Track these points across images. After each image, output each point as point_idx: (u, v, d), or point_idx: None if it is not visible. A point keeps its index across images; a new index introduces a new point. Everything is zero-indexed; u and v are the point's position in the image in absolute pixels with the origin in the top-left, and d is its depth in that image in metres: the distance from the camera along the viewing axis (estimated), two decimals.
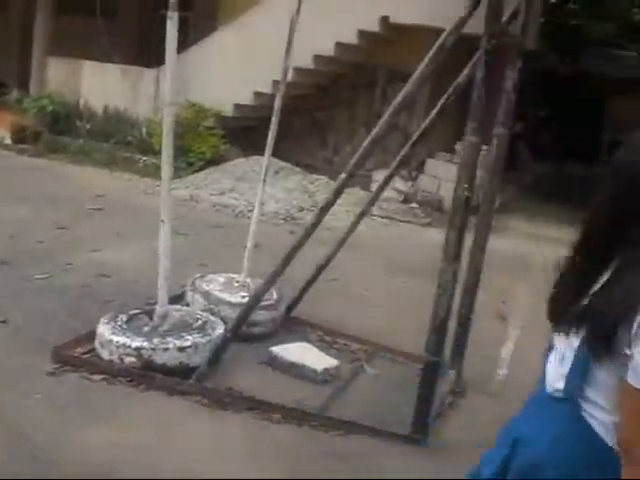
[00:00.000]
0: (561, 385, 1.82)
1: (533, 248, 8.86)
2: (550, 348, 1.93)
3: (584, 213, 1.88)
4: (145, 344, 4.44)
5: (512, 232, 9.83)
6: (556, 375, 1.86)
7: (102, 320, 4.65)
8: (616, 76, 18.60)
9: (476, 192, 4.41)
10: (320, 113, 12.55)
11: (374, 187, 8.28)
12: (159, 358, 4.41)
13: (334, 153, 12.64)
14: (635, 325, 1.61)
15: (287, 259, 4.39)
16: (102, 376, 4.31)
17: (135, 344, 4.44)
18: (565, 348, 1.82)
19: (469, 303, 4.66)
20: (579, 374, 1.76)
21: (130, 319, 4.76)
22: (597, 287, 1.76)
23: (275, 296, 5.42)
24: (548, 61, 15.55)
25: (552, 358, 1.91)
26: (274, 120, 5.53)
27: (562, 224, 10.79)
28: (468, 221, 3.95)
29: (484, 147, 4.56)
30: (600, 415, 1.74)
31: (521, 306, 6.42)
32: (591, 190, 1.89)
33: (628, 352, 1.62)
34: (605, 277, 1.75)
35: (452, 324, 4.35)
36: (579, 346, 1.75)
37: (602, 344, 1.66)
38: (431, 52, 4.06)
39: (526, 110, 15.82)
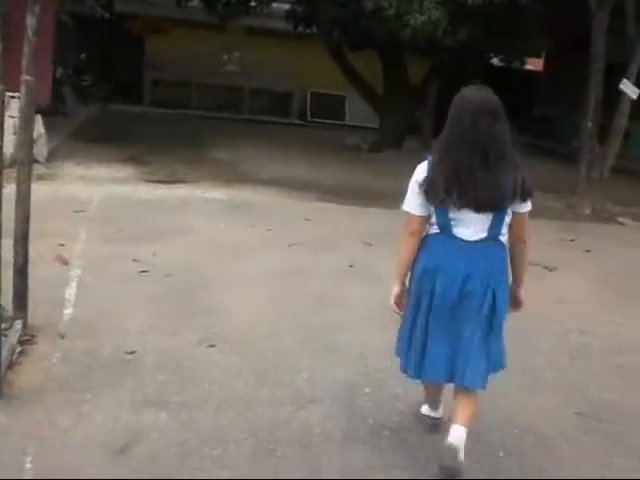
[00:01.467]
0: (484, 234, 3.34)
1: (88, 190, 8.96)
2: (448, 216, 3.33)
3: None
4: None
5: (67, 177, 9.80)
6: (476, 230, 3.34)
7: None
8: (151, 15, 19.25)
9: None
10: None
11: None
12: None
13: None
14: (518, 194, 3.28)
15: None
16: None
17: None
18: (483, 216, 3.30)
19: (23, 252, 4.64)
20: (497, 226, 3.34)
21: None
22: (483, 178, 3.25)
23: None
24: (85, 4, 15.44)
25: (465, 222, 3.33)
26: None
27: (112, 163, 11.08)
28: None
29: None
30: (503, 238, 3.40)
31: (79, 247, 6.57)
32: (141, 126, 2.14)
33: (519, 209, 3.36)
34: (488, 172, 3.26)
35: (9, 274, 4.33)
36: (499, 212, 3.31)
37: (507, 207, 3.31)
38: None
39: (67, 55, 15.66)
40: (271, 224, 8.05)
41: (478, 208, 3.28)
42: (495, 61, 19.36)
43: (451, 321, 3.39)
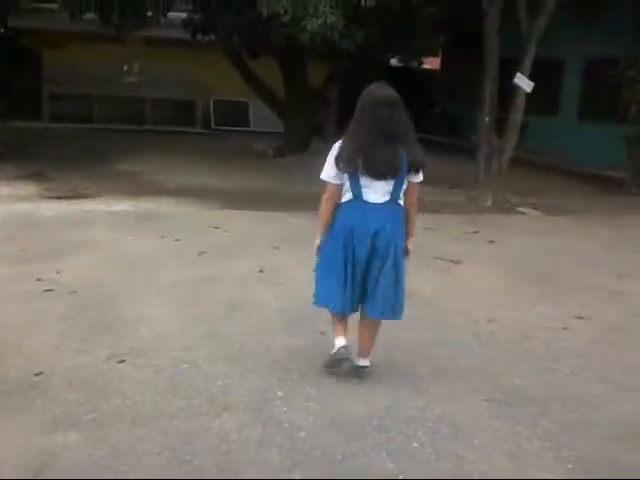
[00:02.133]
0: (388, 197, 4.23)
1: None
2: (360, 185, 4.21)
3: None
4: None
5: None
6: (380, 194, 4.23)
7: None
8: (47, 29, 18.82)
9: None
10: None
11: None
12: None
13: None
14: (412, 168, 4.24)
15: None
16: None
17: None
18: (383, 183, 4.20)
19: None
20: (397, 191, 4.24)
21: None
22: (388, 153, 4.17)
23: None
24: None
25: (372, 189, 4.22)
26: None
27: (13, 181, 10.78)
28: None
29: None
30: (401, 202, 4.28)
31: None
32: (41, 142, 2.12)
33: (413, 179, 4.31)
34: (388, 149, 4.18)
35: None
36: (398, 179, 4.21)
37: (403, 176, 4.20)
38: None
39: None
40: (179, 234, 7.98)
41: (380, 176, 4.21)
42: (394, 62, 19.65)
43: (365, 267, 4.29)
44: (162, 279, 6.37)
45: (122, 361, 4.57)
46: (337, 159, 4.22)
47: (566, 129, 17.67)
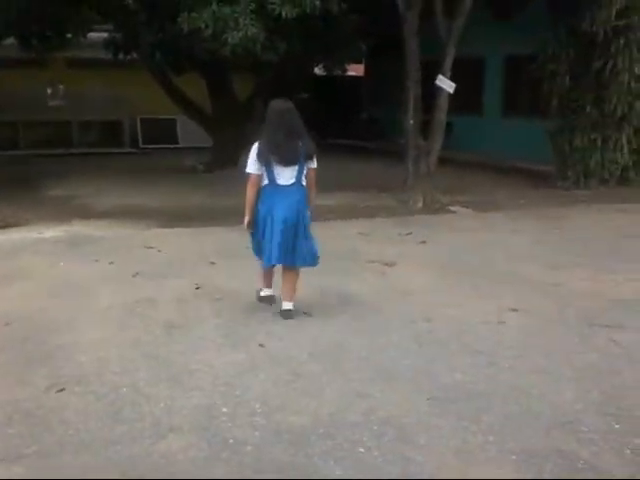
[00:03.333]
0: (293, 180, 5.72)
1: None
2: (273, 173, 5.71)
3: None
4: None
5: None
6: (288, 178, 5.71)
7: None
8: None
9: None
10: None
11: None
12: None
13: None
14: (307, 157, 5.77)
15: None
16: None
17: None
18: (289, 169, 5.70)
19: None
20: (299, 174, 5.74)
21: None
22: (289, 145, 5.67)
23: None
24: None
25: (282, 174, 5.71)
26: None
27: None
28: None
29: None
30: (304, 182, 5.80)
31: None
32: None
33: (310, 165, 5.80)
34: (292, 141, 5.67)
35: None
36: (299, 166, 5.72)
37: (303, 163, 5.73)
38: None
39: None
40: (113, 256, 7.89)
41: (286, 164, 5.73)
42: (318, 70, 19.77)
43: (283, 230, 5.73)
44: (98, 303, 6.29)
45: (62, 390, 4.50)
46: (258, 155, 5.71)
47: (491, 126, 18.03)
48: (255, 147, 5.73)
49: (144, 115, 20.63)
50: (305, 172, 5.81)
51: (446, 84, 11.62)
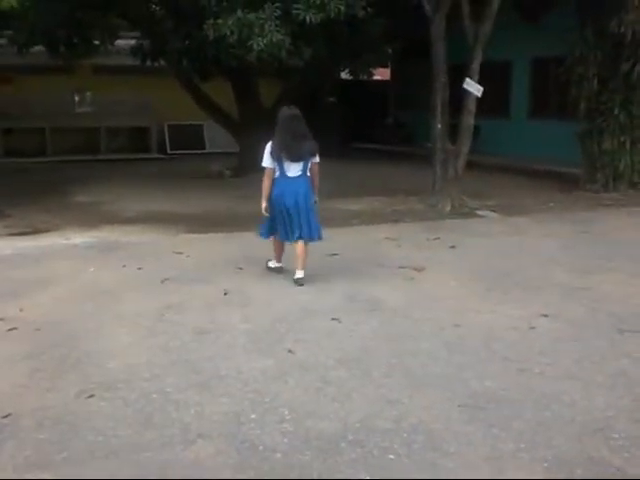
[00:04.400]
0: (300, 172, 7.06)
1: None
2: (283, 167, 7.03)
3: None
4: None
5: None
6: (296, 171, 7.04)
7: None
8: None
9: None
10: None
11: None
12: None
13: None
14: (311, 154, 7.12)
15: None
16: None
17: None
18: (296, 164, 7.03)
19: None
20: (305, 168, 7.07)
21: None
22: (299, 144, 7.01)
23: None
24: None
25: (290, 168, 7.03)
26: None
27: None
28: None
29: None
30: (308, 174, 7.11)
31: None
32: None
33: (314, 160, 7.16)
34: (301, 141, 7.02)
35: None
36: (304, 161, 7.04)
37: (308, 159, 7.12)
38: None
39: None
40: (142, 262, 7.93)
41: (294, 160, 7.00)
42: (344, 75, 19.75)
43: (294, 213, 7.04)
44: (127, 309, 6.32)
45: (91, 396, 4.52)
46: (271, 153, 6.97)
47: (518, 129, 17.93)
48: (268, 146, 7.01)
49: (171, 121, 20.77)
50: (309, 166, 7.11)
51: (474, 87, 11.56)
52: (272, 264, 7.57)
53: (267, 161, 7.02)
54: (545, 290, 6.95)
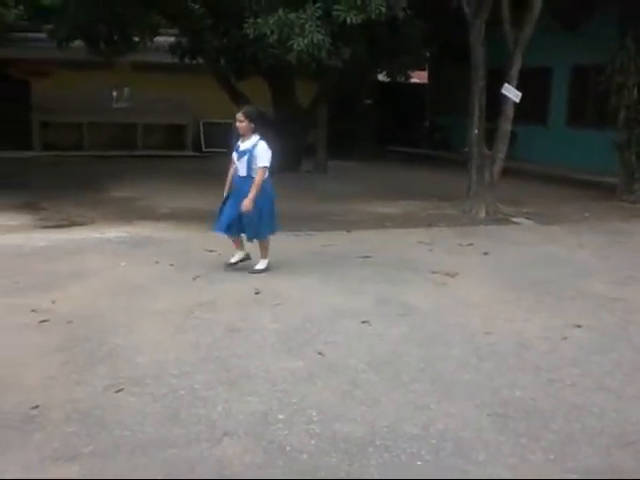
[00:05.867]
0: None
1: None
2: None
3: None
4: None
5: None
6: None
7: None
8: (34, 58, 18.86)
9: None
10: None
11: None
12: None
13: None
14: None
15: None
16: None
17: None
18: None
19: None
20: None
21: None
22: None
23: None
24: None
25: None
26: None
27: (4, 212, 10.74)
28: None
29: None
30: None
31: None
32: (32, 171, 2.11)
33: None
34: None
35: None
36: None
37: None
38: None
39: None
40: (174, 259, 7.96)
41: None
42: (382, 77, 19.72)
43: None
44: (158, 305, 6.34)
45: (120, 390, 4.53)
46: (269, 151, 7.24)
47: (555, 137, 17.75)
48: (266, 145, 7.22)
49: (207, 119, 20.85)
50: None
51: (512, 93, 11.46)
52: (232, 260, 7.74)
53: (267, 160, 7.23)
54: (578, 300, 6.86)
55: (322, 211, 11.49)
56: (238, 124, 7.42)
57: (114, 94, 20.80)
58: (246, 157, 7.30)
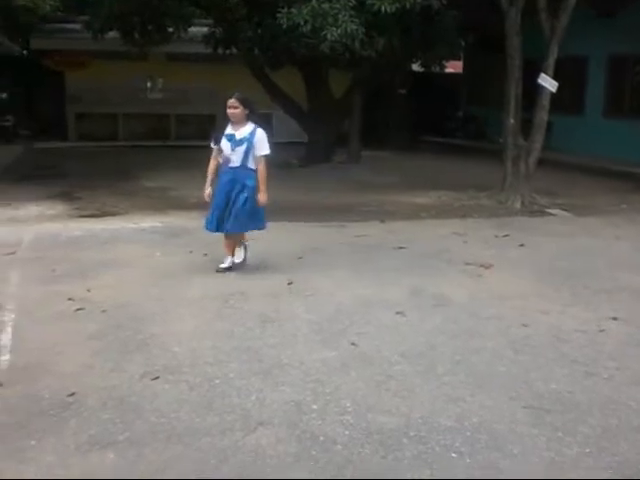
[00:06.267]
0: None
1: (17, 231, 8.77)
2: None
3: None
4: None
5: None
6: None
7: None
8: (68, 49, 19.02)
9: None
10: None
11: None
12: None
13: None
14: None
15: None
16: None
17: None
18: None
19: None
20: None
21: None
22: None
23: None
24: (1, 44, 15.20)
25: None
26: None
27: (41, 201, 10.88)
28: None
29: None
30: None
31: (12, 290, 6.41)
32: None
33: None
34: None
35: None
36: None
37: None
38: None
39: None
40: (207, 248, 7.97)
41: None
42: (416, 67, 19.60)
43: None
44: (192, 294, 6.37)
45: (156, 378, 4.57)
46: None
47: (592, 127, 17.51)
48: (265, 133, 6.90)
49: None
50: None
51: (549, 83, 11.32)
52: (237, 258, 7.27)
53: (269, 149, 6.94)
54: (615, 293, 6.76)
55: (355, 202, 11.45)
56: (231, 111, 6.86)
57: (148, 85, 20.90)
58: (244, 146, 6.84)
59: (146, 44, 15.47)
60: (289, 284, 6.74)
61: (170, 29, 15.42)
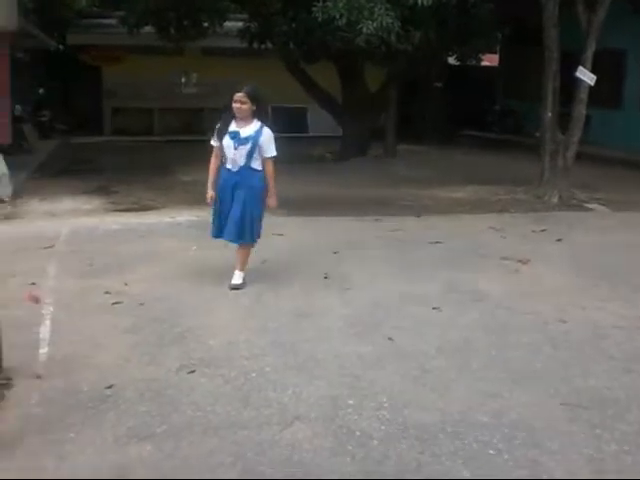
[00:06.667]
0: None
1: (55, 225, 8.87)
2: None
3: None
4: None
5: (33, 214, 9.72)
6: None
7: None
8: (105, 44, 19.17)
9: None
10: None
11: None
12: None
13: None
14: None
15: None
16: None
17: None
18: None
19: None
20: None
21: None
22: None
23: None
24: (38, 39, 15.34)
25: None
26: None
27: (78, 195, 10.99)
28: None
29: None
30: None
31: (50, 283, 6.48)
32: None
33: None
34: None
35: None
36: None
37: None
38: None
39: (25, 91, 15.57)
40: None
41: None
42: (452, 60, 19.46)
43: None
44: (227, 289, 6.39)
45: (192, 372, 4.59)
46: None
47: (630, 121, 17.26)
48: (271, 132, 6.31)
49: (275, 103, 20.89)
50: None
51: (587, 76, 11.17)
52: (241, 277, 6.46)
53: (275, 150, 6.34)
54: None
55: (391, 196, 11.41)
56: (238, 105, 6.22)
57: (182, 79, 21.02)
58: (249, 145, 6.20)
59: (182, 39, 15.55)
60: (325, 278, 6.73)
61: (205, 24, 15.47)
